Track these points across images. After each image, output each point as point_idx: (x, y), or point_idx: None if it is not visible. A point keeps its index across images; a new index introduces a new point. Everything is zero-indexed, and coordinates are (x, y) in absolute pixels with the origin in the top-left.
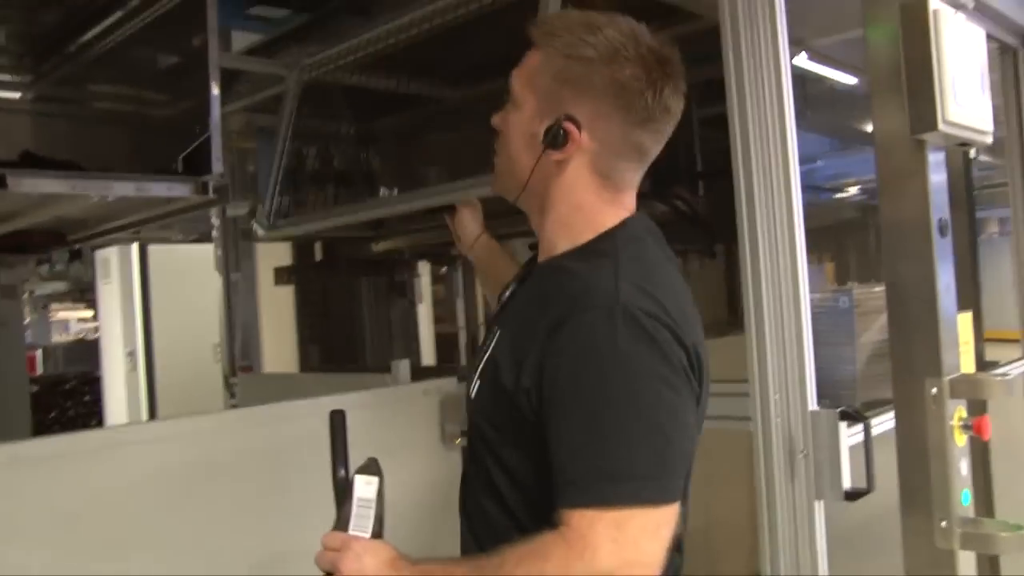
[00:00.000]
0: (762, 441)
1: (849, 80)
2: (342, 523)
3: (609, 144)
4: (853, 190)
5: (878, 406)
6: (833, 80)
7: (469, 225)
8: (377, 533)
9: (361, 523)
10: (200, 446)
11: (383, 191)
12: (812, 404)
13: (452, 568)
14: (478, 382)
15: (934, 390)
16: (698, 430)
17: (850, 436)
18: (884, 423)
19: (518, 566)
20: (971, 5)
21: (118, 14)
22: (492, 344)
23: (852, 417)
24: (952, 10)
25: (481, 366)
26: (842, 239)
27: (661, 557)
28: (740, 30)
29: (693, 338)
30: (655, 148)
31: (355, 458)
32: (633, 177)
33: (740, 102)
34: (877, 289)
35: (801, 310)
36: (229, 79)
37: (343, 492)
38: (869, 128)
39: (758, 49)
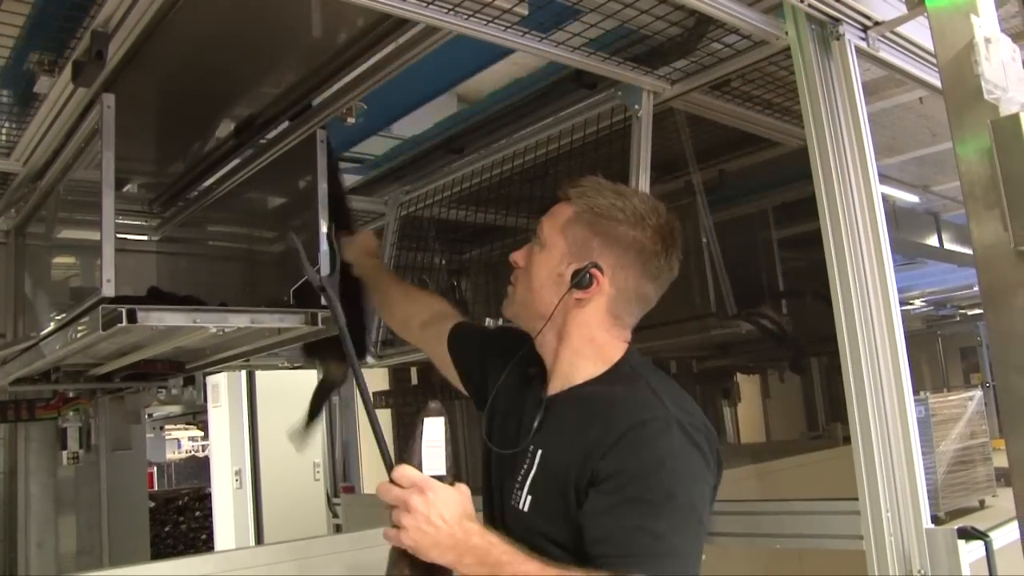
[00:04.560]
0: (876, 561)
1: (910, 198)
2: (414, 461)
3: (624, 291)
4: (918, 302)
5: (961, 515)
6: (895, 198)
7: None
8: (449, 470)
9: (433, 463)
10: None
11: (488, 321)
12: (927, 522)
13: (518, 562)
14: (529, 496)
15: None
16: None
17: (969, 552)
18: (1003, 536)
19: None
20: None
21: (235, 161)
22: (536, 463)
23: (971, 535)
24: None
25: (529, 482)
26: (910, 350)
27: None
28: (828, 155)
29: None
30: (656, 299)
31: None
32: (636, 320)
33: (833, 223)
34: (952, 398)
35: (908, 423)
36: None
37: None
38: (929, 242)
39: (846, 171)
